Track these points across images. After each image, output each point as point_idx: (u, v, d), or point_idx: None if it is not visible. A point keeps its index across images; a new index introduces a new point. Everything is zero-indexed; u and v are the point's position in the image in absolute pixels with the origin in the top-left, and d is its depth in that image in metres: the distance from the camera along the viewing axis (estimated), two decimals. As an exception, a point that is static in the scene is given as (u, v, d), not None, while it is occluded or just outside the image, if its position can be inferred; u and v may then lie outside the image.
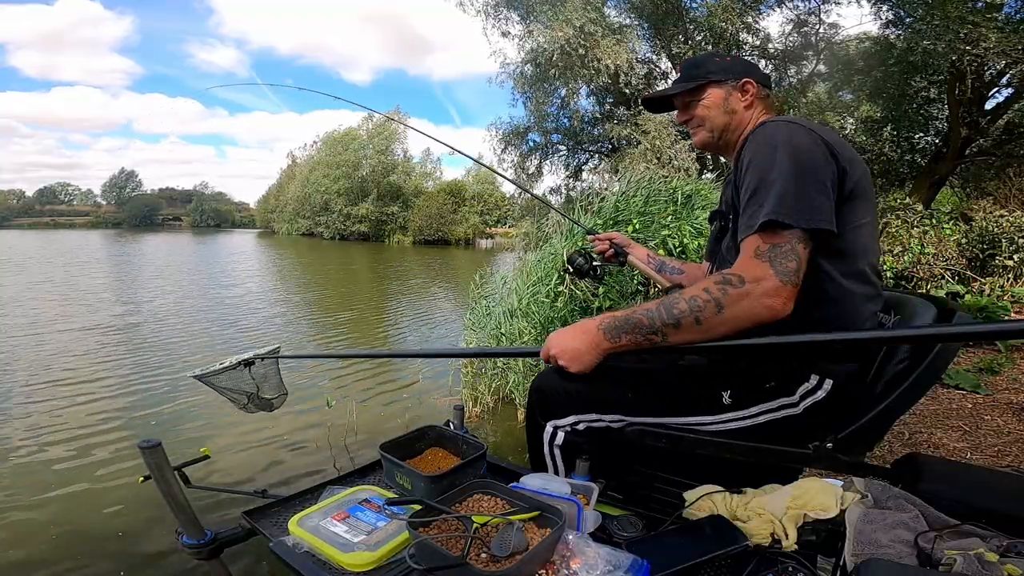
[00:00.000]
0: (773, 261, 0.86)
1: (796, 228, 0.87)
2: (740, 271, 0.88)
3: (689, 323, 0.88)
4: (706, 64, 1.16)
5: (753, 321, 0.87)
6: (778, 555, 0.84)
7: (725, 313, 0.87)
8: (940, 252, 5.32)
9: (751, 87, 1.13)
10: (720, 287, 0.88)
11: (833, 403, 1.00)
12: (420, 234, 34.12)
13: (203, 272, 14.01)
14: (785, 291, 0.86)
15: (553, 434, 1.13)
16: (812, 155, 0.91)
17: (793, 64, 9.44)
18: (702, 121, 1.17)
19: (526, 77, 9.22)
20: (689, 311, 0.89)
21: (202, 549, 1.07)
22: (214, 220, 72.41)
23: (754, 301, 0.86)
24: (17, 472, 2.72)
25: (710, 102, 1.14)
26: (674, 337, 0.90)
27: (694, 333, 0.89)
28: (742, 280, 0.87)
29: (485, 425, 3.47)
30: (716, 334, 0.89)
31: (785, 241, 0.87)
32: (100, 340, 5.77)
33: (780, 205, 0.87)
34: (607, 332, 0.94)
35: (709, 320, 0.87)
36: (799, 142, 0.92)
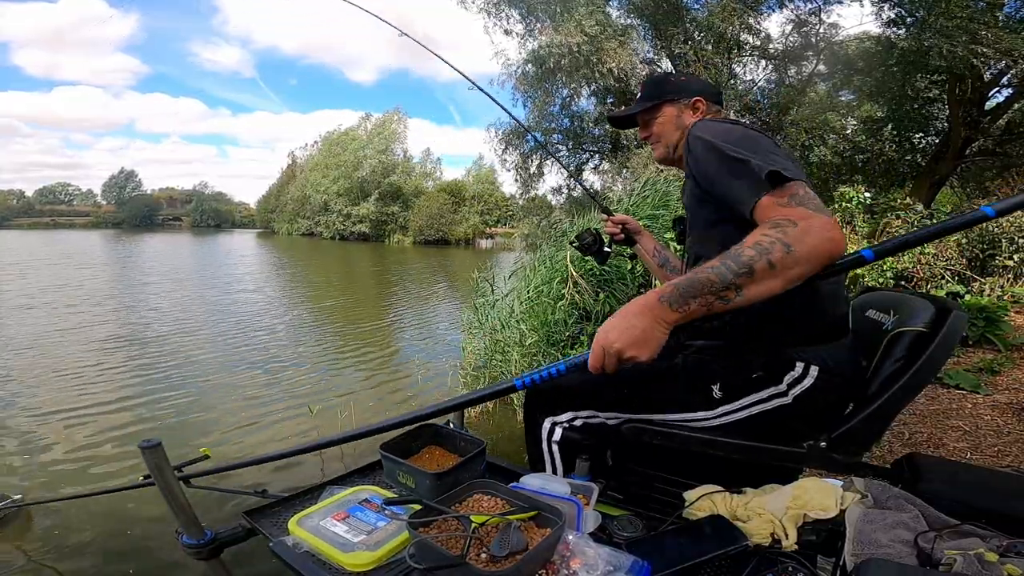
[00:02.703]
0: (805, 203, 0.84)
1: (794, 179, 0.87)
2: (784, 215, 0.84)
3: (763, 268, 0.80)
4: (663, 84, 1.27)
5: (822, 256, 0.82)
6: (778, 555, 0.84)
7: (796, 251, 0.80)
8: (940, 252, 5.31)
9: (701, 104, 1.22)
10: (779, 230, 0.82)
11: (824, 392, 1.00)
12: (420, 234, 34.12)
13: (205, 273, 13.99)
14: (834, 223, 0.83)
15: (551, 430, 1.15)
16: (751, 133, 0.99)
17: (793, 64, 9.43)
18: (659, 137, 1.26)
19: (527, 77, 9.21)
20: (759, 256, 0.81)
21: (202, 549, 1.07)
22: (214, 220, 72.35)
23: (816, 236, 0.81)
24: (17, 471, 2.72)
25: (665, 119, 1.24)
26: (750, 288, 0.81)
27: (769, 279, 0.81)
28: (793, 222, 0.82)
29: (484, 426, 3.47)
30: (791, 276, 0.82)
31: (797, 187, 0.86)
32: (101, 341, 5.78)
33: (759, 166, 0.88)
34: (672, 302, 0.83)
35: (782, 261, 0.80)
36: (732, 127, 1.01)
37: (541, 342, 3.76)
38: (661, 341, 0.84)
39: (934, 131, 9.59)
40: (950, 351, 1.00)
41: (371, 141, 36.57)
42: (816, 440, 0.99)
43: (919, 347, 0.98)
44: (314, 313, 8.11)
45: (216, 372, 4.63)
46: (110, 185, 78.97)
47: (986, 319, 3.78)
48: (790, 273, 0.82)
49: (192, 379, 4.41)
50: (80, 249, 22.84)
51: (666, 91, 1.24)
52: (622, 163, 9.39)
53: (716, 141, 0.97)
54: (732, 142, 0.95)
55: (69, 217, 75.64)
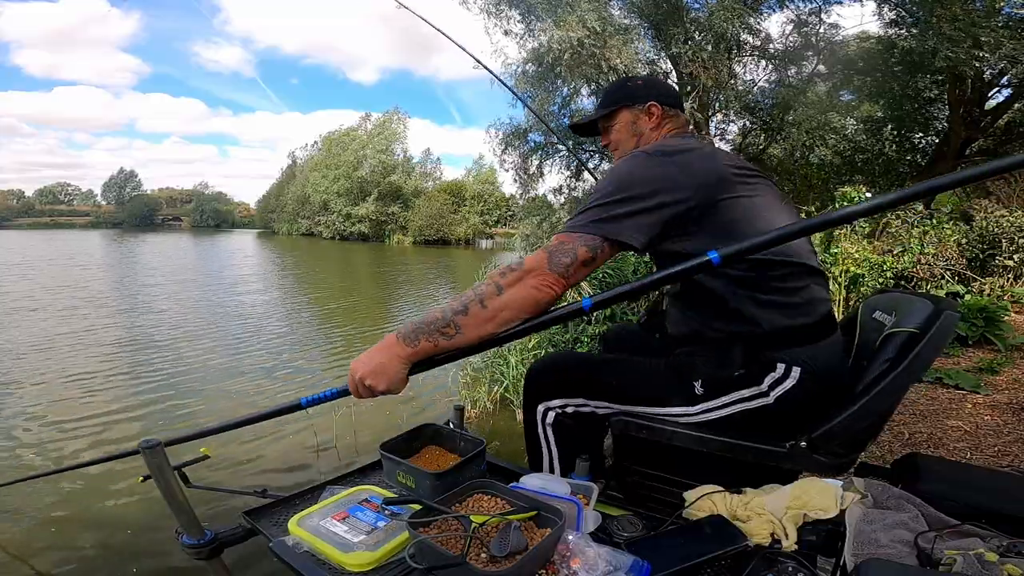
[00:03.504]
0: (552, 254, 0.93)
1: (587, 234, 0.94)
2: (525, 259, 0.95)
3: (475, 308, 0.91)
4: (619, 90, 1.25)
5: (524, 302, 0.92)
6: (778, 555, 0.84)
7: (504, 295, 0.91)
8: (940, 252, 5.32)
9: (656, 109, 1.19)
10: (502, 272, 0.94)
11: (807, 394, 1.00)
12: (420, 234, 34.13)
13: (208, 274, 13.96)
14: (551, 278, 0.92)
15: (544, 414, 1.19)
16: (639, 180, 0.97)
17: (793, 64, 9.42)
18: (616, 144, 1.25)
19: (528, 76, 9.20)
20: (474, 296, 0.92)
21: (202, 549, 1.07)
22: (214, 220, 72.34)
23: (525, 284, 0.92)
24: (17, 471, 2.72)
25: (621, 125, 1.23)
26: (467, 327, 0.92)
27: (481, 318, 0.91)
28: (521, 265, 0.93)
29: (484, 427, 3.47)
30: (501, 318, 0.92)
31: (571, 242, 0.94)
32: (105, 344, 5.76)
33: (586, 218, 0.96)
34: (406, 339, 0.93)
35: (491, 302, 0.91)
36: (632, 169, 1.00)
37: (543, 342, 3.77)
38: (398, 374, 0.94)
39: (934, 131, 9.58)
40: (938, 351, 0.99)
41: (371, 141, 36.56)
42: (798, 440, 0.99)
43: (907, 348, 0.98)
44: (317, 315, 8.09)
45: (217, 373, 4.63)
46: (110, 185, 79.01)
47: (986, 319, 3.77)
48: (500, 316, 0.92)
49: (193, 379, 4.41)
50: (81, 249, 22.84)
51: (622, 96, 1.22)
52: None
53: (610, 171, 1.04)
54: (613, 176, 1.00)
55: (69, 217, 75.67)
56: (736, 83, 9.28)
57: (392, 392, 0.95)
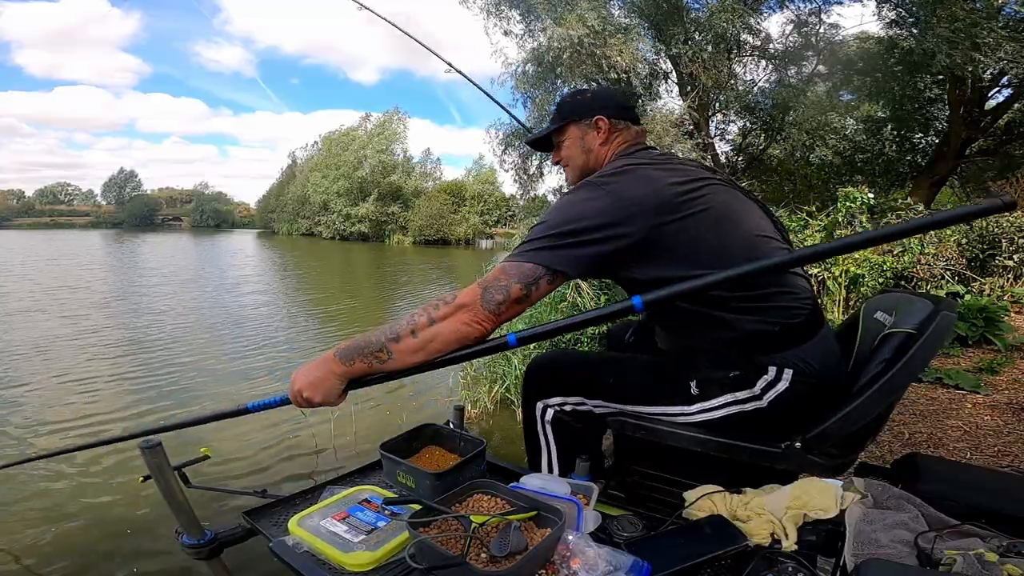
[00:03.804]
0: (485, 290, 0.94)
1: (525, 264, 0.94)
2: (459, 293, 0.96)
3: (407, 337, 0.94)
4: (567, 104, 1.22)
5: (453, 336, 0.93)
6: (778, 555, 0.84)
7: (435, 327, 0.93)
8: (940, 252, 5.32)
9: (603, 123, 1.16)
10: (435, 304, 0.95)
11: (801, 397, 1.00)
12: (420, 234, 34.11)
13: (210, 274, 13.92)
14: (482, 315, 0.93)
15: (543, 411, 1.19)
16: (579, 215, 0.96)
17: (793, 64, 9.42)
18: (567, 160, 1.22)
19: (528, 76, 9.20)
20: (407, 326, 0.94)
21: (202, 549, 1.07)
22: (214, 220, 72.33)
23: (455, 319, 0.93)
24: (17, 470, 2.72)
25: (570, 142, 1.20)
26: (399, 354, 0.94)
27: (412, 347, 0.94)
28: (455, 299, 0.94)
29: (484, 427, 3.47)
30: (431, 349, 0.94)
31: (506, 278, 0.94)
32: (103, 340, 5.77)
33: (530, 248, 0.96)
34: (341, 356, 0.96)
35: (422, 332, 0.93)
36: (580, 200, 0.99)
37: (546, 343, 3.76)
38: (334, 389, 0.97)
39: (934, 131, 9.58)
40: (935, 352, 0.99)
41: (371, 141, 36.55)
42: (793, 441, 0.99)
43: (903, 348, 0.97)
44: (320, 317, 8.02)
45: (221, 375, 4.61)
46: (110, 185, 79.06)
47: (986, 319, 3.77)
48: (430, 346, 0.94)
49: (196, 382, 4.40)
50: (82, 249, 22.82)
51: (569, 111, 1.19)
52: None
53: (556, 204, 1.04)
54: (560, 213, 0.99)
55: (69, 217, 75.72)
56: (736, 83, 9.28)
57: (329, 405, 0.99)
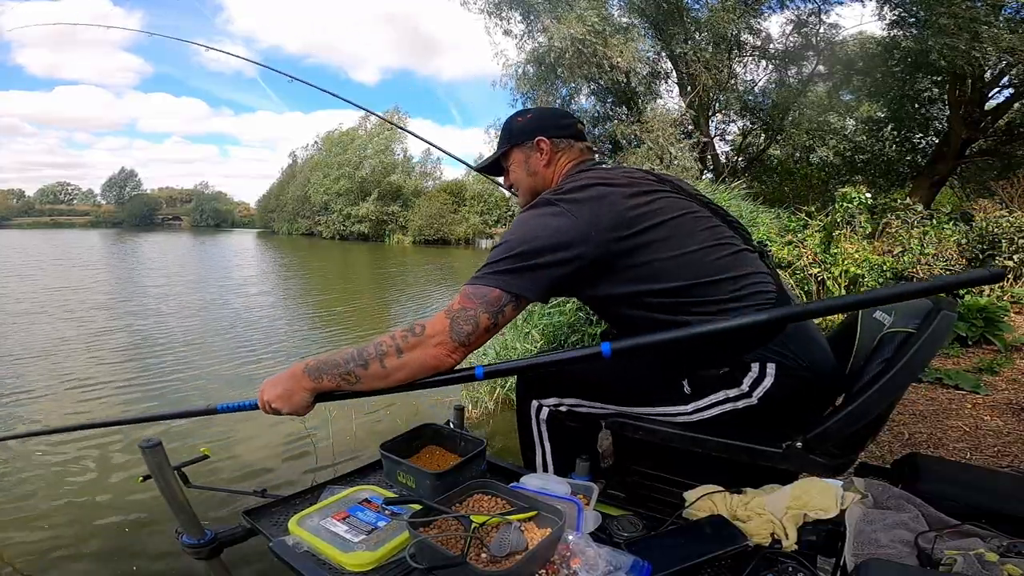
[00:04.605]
0: (454, 321, 0.93)
1: (495, 289, 0.93)
2: (427, 323, 0.95)
3: (375, 364, 0.93)
4: (508, 129, 1.20)
5: (421, 367, 0.93)
6: (778, 555, 0.84)
7: (403, 357, 0.93)
8: (940, 252, 5.32)
9: (544, 144, 1.15)
10: (404, 334, 0.95)
11: (789, 391, 1.00)
12: (420, 234, 34.09)
13: (213, 275, 13.85)
14: (450, 346, 0.93)
15: (539, 409, 1.20)
16: (544, 231, 0.95)
17: (793, 64, 9.43)
18: (516, 184, 1.22)
19: (528, 77, 9.21)
20: (375, 353, 0.94)
21: (202, 549, 1.07)
22: (214, 220, 72.32)
23: (423, 351, 0.93)
24: (17, 470, 2.72)
25: (515, 166, 1.20)
26: (365, 379, 0.95)
27: (378, 375, 0.94)
28: (424, 330, 0.94)
29: (485, 427, 3.47)
30: (397, 378, 0.94)
31: (473, 307, 0.93)
32: (108, 344, 5.75)
33: (492, 271, 0.95)
34: (310, 373, 0.97)
35: (390, 362, 0.93)
36: (537, 221, 0.98)
37: (548, 342, 3.76)
38: (302, 402, 0.98)
39: (934, 131, 9.59)
40: (934, 351, 0.98)
41: (371, 141, 36.54)
42: (793, 440, 0.99)
43: (903, 347, 0.97)
44: (325, 319, 7.92)
45: (225, 378, 4.62)
46: (110, 185, 79.15)
47: (986, 319, 3.77)
48: (395, 375, 0.94)
49: (201, 386, 4.40)
50: (83, 249, 22.81)
51: (509, 136, 1.19)
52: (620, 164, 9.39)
53: (513, 225, 1.02)
54: (516, 231, 0.98)
55: (69, 217, 75.73)
56: (736, 83, 9.29)
57: (296, 415, 1.00)
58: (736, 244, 1.06)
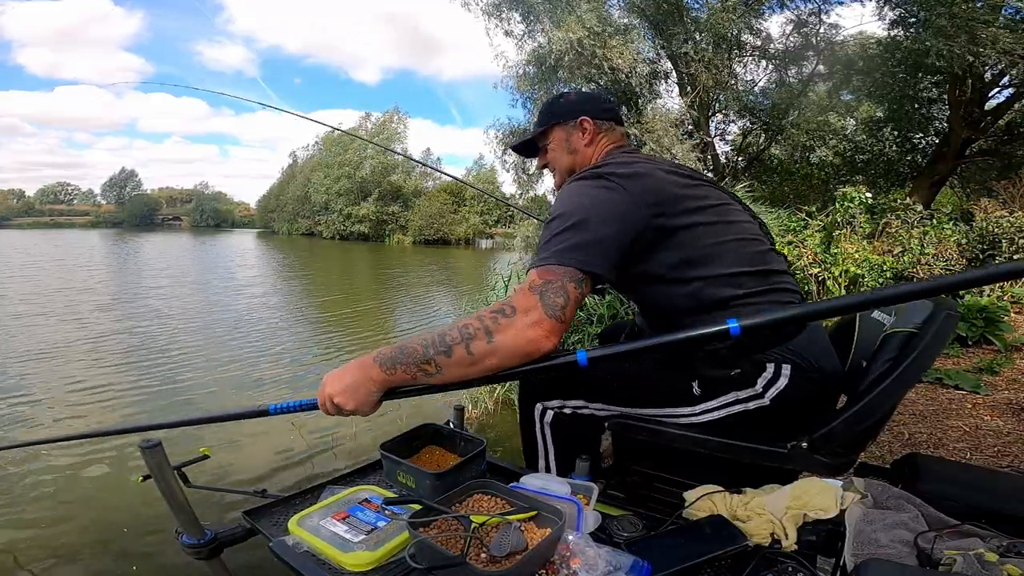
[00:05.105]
0: (543, 295, 0.86)
1: (570, 267, 0.88)
2: (512, 301, 0.87)
3: (460, 351, 0.85)
4: (550, 107, 1.21)
5: (516, 353, 0.85)
6: (778, 555, 0.84)
7: (494, 341, 0.84)
8: (940, 252, 5.32)
9: (587, 124, 1.16)
10: (493, 315, 0.86)
11: (802, 392, 1.00)
12: (420, 234, 34.15)
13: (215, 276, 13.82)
14: (548, 324, 0.85)
15: (543, 412, 1.18)
16: (601, 205, 0.94)
17: (794, 64, 9.42)
18: (553, 164, 1.21)
19: (528, 77, 9.21)
20: (460, 338, 0.85)
21: (202, 549, 1.07)
22: (214, 220, 72.39)
23: (517, 332, 0.84)
24: (17, 470, 2.72)
25: (555, 144, 1.19)
26: (447, 368, 0.86)
27: (465, 362, 0.85)
28: (514, 310, 0.85)
29: (485, 427, 3.47)
30: (487, 365, 0.85)
31: (558, 279, 0.87)
32: (114, 347, 5.73)
33: (559, 249, 0.90)
34: (383, 363, 0.89)
35: (479, 349, 0.84)
36: (591, 193, 0.96)
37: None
38: (369, 397, 0.90)
39: (934, 131, 9.59)
40: (937, 352, 0.99)
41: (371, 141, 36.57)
42: (799, 441, 0.99)
43: (907, 348, 0.97)
44: (330, 320, 7.90)
45: (221, 375, 4.62)
46: (110, 185, 79.28)
47: (986, 319, 3.77)
48: (484, 363, 0.85)
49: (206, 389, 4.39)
50: (85, 249, 22.80)
51: (552, 114, 1.19)
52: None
53: (561, 200, 0.98)
54: (568, 204, 0.95)
55: (69, 217, 75.78)
56: (736, 83, 9.29)
57: (360, 414, 0.92)
58: (766, 242, 1.08)
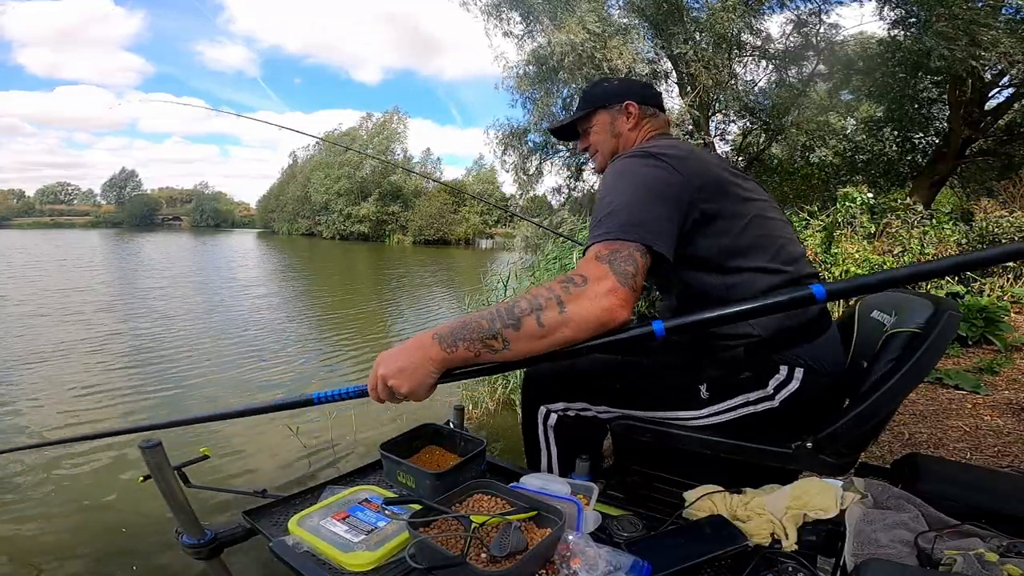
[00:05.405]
0: (613, 263, 0.82)
1: (634, 242, 0.85)
2: (581, 271, 0.84)
3: (531, 323, 0.80)
4: (595, 91, 1.22)
5: (591, 323, 0.80)
6: (778, 555, 0.84)
7: (567, 311, 0.80)
8: (940, 252, 5.32)
9: (633, 108, 1.16)
10: (563, 284, 0.82)
11: (812, 395, 1.00)
12: (420, 234, 34.20)
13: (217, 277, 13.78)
14: (623, 293, 0.81)
15: (546, 415, 1.18)
16: (655, 183, 0.92)
17: (794, 64, 9.42)
18: (596, 147, 1.21)
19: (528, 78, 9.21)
20: (530, 309, 0.81)
21: (202, 549, 1.07)
22: (214, 220, 72.49)
23: (592, 301, 0.80)
24: (18, 470, 2.73)
25: (599, 127, 1.19)
26: (516, 343, 0.81)
27: (536, 335, 0.81)
28: (584, 279, 0.82)
29: (485, 427, 3.47)
30: (559, 338, 0.81)
31: (624, 248, 0.84)
32: (119, 349, 5.72)
33: (618, 224, 0.87)
34: (443, 340, 0.83)
35: (551, 320, 0.80)
36: (643, 171, 0.94)
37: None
38: (427, 379, 0.84)
39: (934, 131, 9.58)
40: (941, 352, 0.99)
41: (371, 141, 36.62)
42: (803, 441, 0.99)
43: (911, 348, 0.97)
44: (336, 321, 7.84)
45: (222, 375, 4.62)
46: (110, 185, 79.35)
47: (986, 319, 3.78)
48: (556, 335, 0.80)
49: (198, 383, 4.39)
50: (86, 249, 22.80)
51: (598, 97, 1.19)
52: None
53: (613, 176, 0.96)
54: (623, 181, 0.94)
55: (69, 217, 75.84)
56: (736, 83, 9.28)
57: (414, 399, 0.86)
58: (800, 246, 1.09)
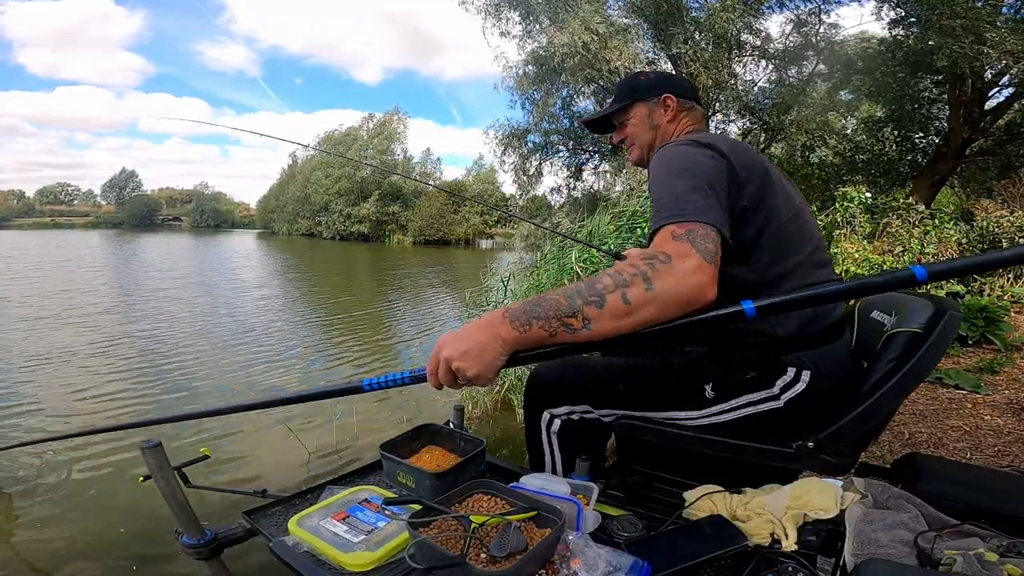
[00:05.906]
0: (694, 242, 0.79)
1: (707, 224, 0.83)
2: (663, 249, 0.79)
3: (615, 301, 0.75)
4: (632, 83, 1.23)
5: (680, 301, 0.76)
6: (778, 555, 0.84)
7: (655, 288, 0.75)
8: (940, 252, 5.32)
9: (671, 101, 1.17)
10: (648, 261, 0.77)
11: (816, 397, 1.00)
12: (420, 234, 34.19)
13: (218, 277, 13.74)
14: (709, 270, 0.77)
15: (549, 421, 1.18)
16: (711, 171, 0.91)
17: (793, 64, 9.42)
18: (633, 139, 1.22)
19: (528, 78, 9.22)
20: (614, 285, 0.75)
21: (202, 549, 1.07)
22: (214, 220, 72.49)
23: (681, 278, 0.76)
24: (18, 470, 2.72)
25: (637, 120, 1.20)
26: (598, 321, 0.75)
27: (621, 313, 0.75)
28: (668, 256, 0.77)
29: (485, 427, 3.47)
30: (644, 317, 0.75)
31: (700, 228, 0.81)
32: (103, 341, 5.74)
33: (690, 206, 0.85)
34: (515, 319, 0.77)
35: (637, 298, 0.75)
36: (698, 159, 0.94)
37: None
38: (495, 360, 0.78)
39: (934, 131, 9.57)
40: (942, 352, 0.99)
41: (371, 141, 36.65)
42: (805, 441, 0.99)
43: (912, 348, 0.97)
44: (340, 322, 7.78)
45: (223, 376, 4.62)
46: (110, 185, 79.36)
47: (986, 319, 3.78)
48: (642, 314, 0.75)
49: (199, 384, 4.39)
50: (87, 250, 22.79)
51: (636, 90, 1.20)
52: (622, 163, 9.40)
53: (666, 163, 0.95)
54: (678, 166, 0.93)
55: (69, 217, 75.88)
56: (736, 83, 9.29)
57: (479, 383, 0.79)
58: (826, 253, 1.10)
